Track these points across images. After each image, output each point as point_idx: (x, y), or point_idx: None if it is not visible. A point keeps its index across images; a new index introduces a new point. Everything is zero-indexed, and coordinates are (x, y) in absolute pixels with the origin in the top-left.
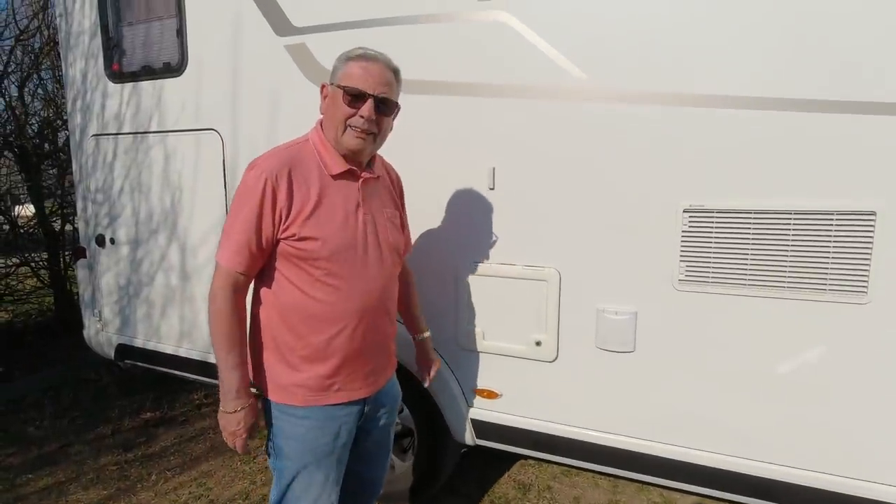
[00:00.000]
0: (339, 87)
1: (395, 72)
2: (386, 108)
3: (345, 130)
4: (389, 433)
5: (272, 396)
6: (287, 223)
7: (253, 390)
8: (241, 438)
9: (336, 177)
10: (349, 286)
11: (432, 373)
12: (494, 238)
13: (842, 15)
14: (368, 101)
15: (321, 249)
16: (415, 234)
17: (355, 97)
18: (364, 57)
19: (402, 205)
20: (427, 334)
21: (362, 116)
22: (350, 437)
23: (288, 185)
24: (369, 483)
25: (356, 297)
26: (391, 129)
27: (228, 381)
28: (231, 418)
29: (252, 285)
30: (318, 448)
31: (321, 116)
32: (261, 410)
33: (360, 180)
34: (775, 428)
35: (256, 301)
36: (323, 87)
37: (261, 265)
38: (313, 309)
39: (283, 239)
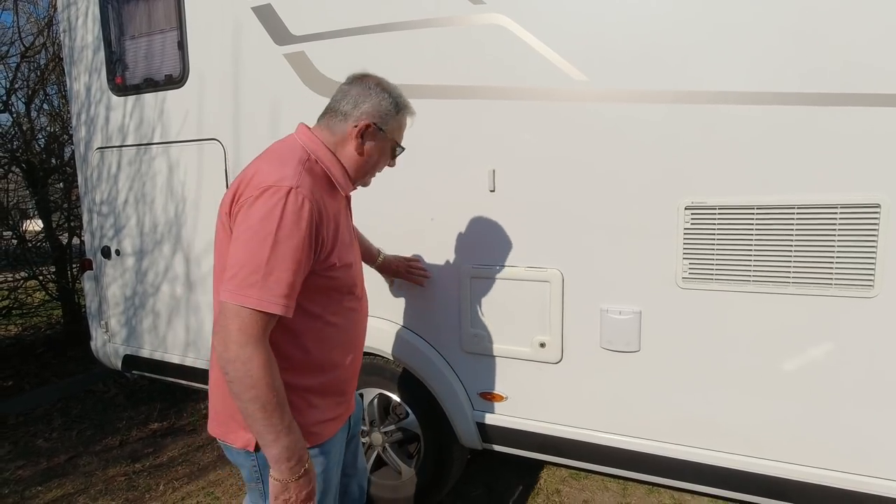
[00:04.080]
0: (395, 142)
1: None
2: None
3: (373, 175)
4: (361, 441)
5: None
6: (326, 252)
7: None
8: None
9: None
10: (362, 306)
11: (417, 265)
12: (496, 240)
13: (844, 7)
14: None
15: (350, 275)
16: (416, 238)
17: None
18: (411, 110)
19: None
20: (384, 253)
21: (390, 166)
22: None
23: (323, 208)
24: (360, 491)
25: (365, 315)
26: None
27: (292, 445)
28: (303, 482)
29: None
30: (333, 478)
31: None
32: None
33: (347, 197)
34: (784, 425)
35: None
36: (369, 126)
37: None
38: (336, 338)
39: (318, 270)
